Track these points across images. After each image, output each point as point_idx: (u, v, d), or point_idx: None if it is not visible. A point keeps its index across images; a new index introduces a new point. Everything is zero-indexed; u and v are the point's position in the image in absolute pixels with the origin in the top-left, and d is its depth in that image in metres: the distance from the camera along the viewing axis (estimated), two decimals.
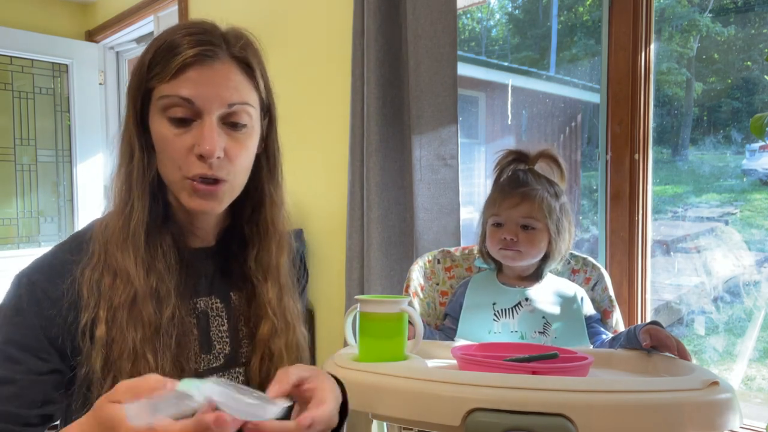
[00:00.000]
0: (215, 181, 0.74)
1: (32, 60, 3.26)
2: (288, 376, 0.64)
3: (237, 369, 0.83)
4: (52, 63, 3.34)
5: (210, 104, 0.72)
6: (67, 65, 3.37)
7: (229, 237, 0.86)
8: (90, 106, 3.44)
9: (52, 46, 3.28)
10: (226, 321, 0.83)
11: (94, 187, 3.46)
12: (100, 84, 3.48)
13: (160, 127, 0.73)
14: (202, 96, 0.71)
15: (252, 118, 0.77)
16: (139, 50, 3.49)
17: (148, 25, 3.13)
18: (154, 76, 0.72)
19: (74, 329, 0.71)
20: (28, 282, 0.72)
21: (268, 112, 0.82)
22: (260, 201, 0.84)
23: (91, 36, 3.48)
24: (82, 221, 3.41)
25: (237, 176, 0.77)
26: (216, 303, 0.83)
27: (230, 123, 0.74)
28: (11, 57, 3.20)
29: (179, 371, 0.74)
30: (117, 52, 3.55)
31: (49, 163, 3.38)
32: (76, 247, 0.76)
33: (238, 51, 0.75)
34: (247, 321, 0.85)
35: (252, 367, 0.82)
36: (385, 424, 1.07)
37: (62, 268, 0.73)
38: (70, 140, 3.42)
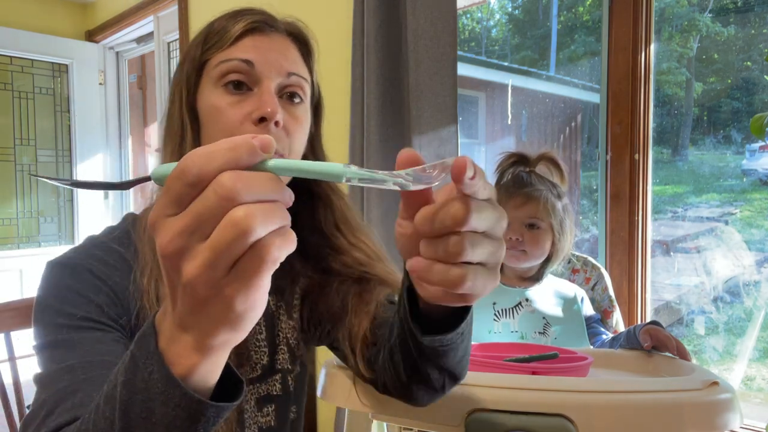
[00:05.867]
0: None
1: (32, 60, 3.26)
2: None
3: (274, 377, 0.79)
4: (52, 63, 3.33)
5: (269, 69, 0.68)
6: (67, 65, 3.37)
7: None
8: (90, 106, 3.44)
9: (52, 46, 3.28)
10: (264, 329, 0.79)
11: None
12: (100, 84, 3.48)
13: (213, 98, 0.69)
14: (261, 60, 0.68)
15: (307, 96, 0.74)
16: (139, 50, 3.49)
17: (148, 25, 3.12)
18: (210, 47, 0.70)
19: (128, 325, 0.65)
20: (78, 265, 0.64)
21: (317, 107, 0.80)
22: (314, 202, 0.81)
23: (91, 36, 3.48)
24: (82, 221, 3.41)
25: (292, 154, 0.72)
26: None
27: (287, 94, 0.71)
28: (11, 57, 3.19)
29: None
30: (117, 52, 3.55)
31: (49, 163, 3.38)
32: (125, 240, 0.69)
33: (295, 29, 0.75)
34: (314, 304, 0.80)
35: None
36: (385, 424, 1.07)
37: (114, 258, 0.66)
38: (70, 140, 3.42)
